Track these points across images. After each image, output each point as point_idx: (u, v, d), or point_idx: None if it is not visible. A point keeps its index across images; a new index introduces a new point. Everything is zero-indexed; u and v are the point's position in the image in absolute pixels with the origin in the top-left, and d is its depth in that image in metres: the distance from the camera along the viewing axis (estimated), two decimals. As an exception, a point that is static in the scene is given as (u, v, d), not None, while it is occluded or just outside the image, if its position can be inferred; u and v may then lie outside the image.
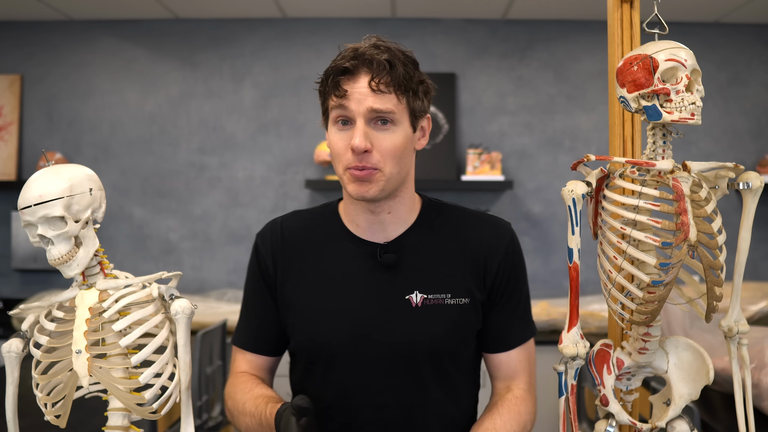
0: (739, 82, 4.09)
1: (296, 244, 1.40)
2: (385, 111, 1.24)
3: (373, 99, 1.23)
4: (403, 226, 1.34)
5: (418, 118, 1.30)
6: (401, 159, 1.27)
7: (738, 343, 1.34)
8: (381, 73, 1.23)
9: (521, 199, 4.07)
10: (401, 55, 1.27)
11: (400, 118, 1.26)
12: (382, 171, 1.25)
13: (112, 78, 4.13)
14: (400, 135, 1.26)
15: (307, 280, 1.37)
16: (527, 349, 1.42)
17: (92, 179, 1.22)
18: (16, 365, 1.22)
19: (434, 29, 4.10)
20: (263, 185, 4.11)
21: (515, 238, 1.42)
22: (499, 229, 1.41)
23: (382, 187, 1.26)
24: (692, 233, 1.20)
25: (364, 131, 1.24)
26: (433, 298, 1.29)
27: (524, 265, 1.43)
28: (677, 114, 1.21)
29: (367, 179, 1.25)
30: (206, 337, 2.85)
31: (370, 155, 1.24)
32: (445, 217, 1.37)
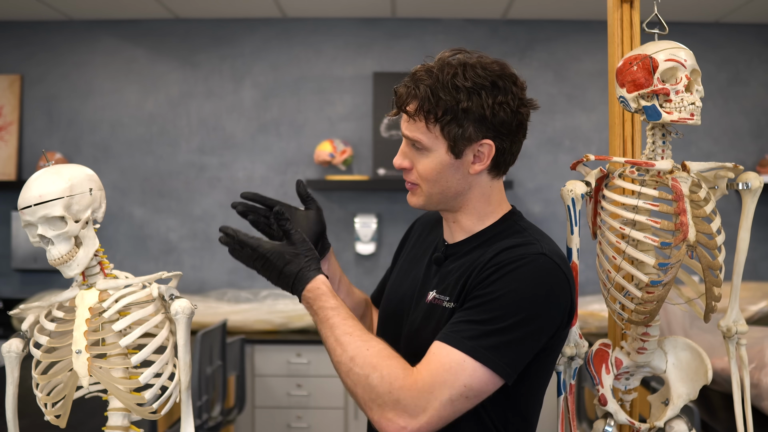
0: (739, 82, 4.09)
1: (422, 228, 1.53)
2: (412, 138, 1.28)
3: (406, 124, 1.29)
4: (466, 234, 1.36)
5: (462, 146, 1.25)
6: (438, 182, 1.29)
7: (737, 343, 1.34)
8: (408, 99, 1.26)
9: (521, 199, 4.07)
10: (446, 78, 1.23)
11: (432, 145, 1.26)
12: (420, 188, 1.32)
13: (112, 78, 4.13)
14: (433, 161, 1.27)
15: (406, 257, 1.50)
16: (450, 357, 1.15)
17: (92, 179, 1.22)
18: (16, 365, 1.22)
19: (434, 29, 4.10)
20: (263, 185, 4.11)
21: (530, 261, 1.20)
22: (525, 246, 1.23)
23: (424, 201, 1.33)
24: (691, 233, 1.20)
25: (404, 150, 1.32)
26: (438, 298, 1.30)
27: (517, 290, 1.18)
28: (677, 114, 1.21)
29: (411, 191, 1.34)
30: (206, 337, 2.85)
31: (410, 172, 1.32)
32: (505, 232, 1.31)
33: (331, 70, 4.12)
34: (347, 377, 1.18)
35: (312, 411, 3.53)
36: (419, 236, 1.52)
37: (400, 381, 1.14)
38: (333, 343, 1.20)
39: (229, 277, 4.09)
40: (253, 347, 3.55)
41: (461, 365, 1.14)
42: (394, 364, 1.16)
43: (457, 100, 1.22)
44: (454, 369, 1.14)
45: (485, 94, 1.25)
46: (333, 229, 4.09)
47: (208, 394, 2.89)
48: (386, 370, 1.15)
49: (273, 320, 3.66)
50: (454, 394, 1.14)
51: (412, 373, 1.16)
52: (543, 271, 1.20)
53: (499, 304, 1.17)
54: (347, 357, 1.18)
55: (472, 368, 1.14)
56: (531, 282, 1.19)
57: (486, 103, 1.24)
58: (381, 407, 1.15)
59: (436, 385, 1.14)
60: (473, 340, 1.15)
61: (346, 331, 1.21)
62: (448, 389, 1.14)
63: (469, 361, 1.14)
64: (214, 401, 3.04)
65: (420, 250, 1.47)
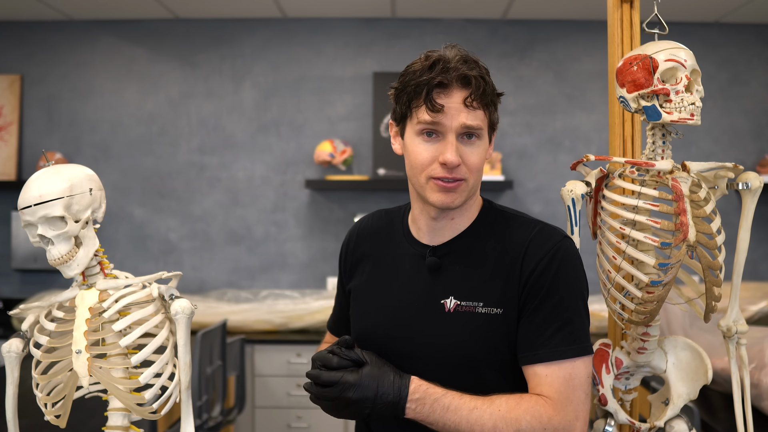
0: (739, 82, 4.09)
1: (367, 241, 1.48)
2: (476, 127, 1.28)
3: (466, 115, 1.27)
4: (455, 233, 1.36)
5: (493, 131, 1.33)
6: (481, 170, 1.32)
7: (737, 343, 1.34)
8: (477, 91, 1.27)
9: (521, 199, 4.07)
10: (484, 68, 1.31)
11: (484, 132, 1.30)
12: (467, 182, 1.30)
13: (112, 78, 4.13)
14: (483, 148, 1.31)
15: (367, 275, 1.45)
16: (564, 369, 1.23)
17: (92, 179, 1.22)
18: (16, 365, 1.22)
19: (434, 29, 4.10)
20: (263, 185, 4.11)
21: (565, 248, 1.28)
22: (545, 235, 1.29)
23: (466, 196, 1.32)
24: (691, 233, 1.20)
25: (456, 146, 1.27)
26: (466, 305, 1.29)
27: (572, 279, 1.27)
28: (677, 114, 1.21)
29: (453, 190, 1.29)
30: (206, 337, 2.85)
31: (459, 169, 1.29)
32: (496, 223, 1.34)
33: (331, 70, 4.12)
34: None
35: (312, 411, 3.53)
36: (372, 254, 1.45)
37: (544, 414, 1.21)
38: (468, 423, 1.21)
39: (229, 277, 4.09)
40: (253, 347, 3.55)
41: (574, 368, 1.24)
42: (529, 405, 1.22)
43: (494, 87, 1.30)
44: (573, 374, 1.23)
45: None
46: (333, 229, 4.10)
47: (208, 394, 2.89)
48: (527, 415, 1.21)
49: (273, 320, 3.66)
50: (586, 388, 1.24)
51: (547, 401, 1.23)
52: (575, 252, 1.29)
53: (567, 300, 1.26)
54: (490, 427, 1.20)
55: (583, 363, 1.25)
56: (575, 267, 1.28)
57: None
58: None
59: (570, 394, 1.23)
60: (571, 343, 1.24)
61: (472, 407, 1.22)
62: (580, 389, 1.23)
63: (579, 361, 1.24)
64: (214, 401, 3.04)
65: (386, 264, 1.42)
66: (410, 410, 1.22)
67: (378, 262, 1.43)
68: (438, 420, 1.21)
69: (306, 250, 4.10)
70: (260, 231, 4.10)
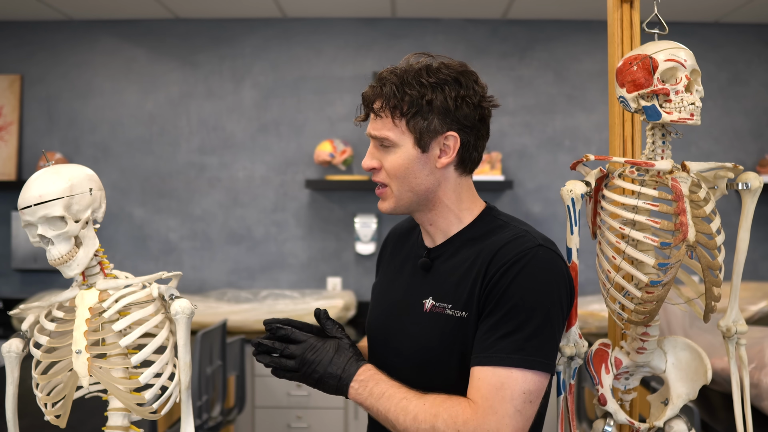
0: (739, 82, 4.09)
1: (393, 242, 1.53)
2: (379, 136, 1.31)
3: (372, 124, 1.32)
4: (445, 237, 1.38)
5: (428, 139, 1.29)
6: (406, 178, 1.31)
7: (737, 343, 1.34)
8: (373, 98, 1.31)
9: (521, 199, 4.07)
10: (410, 76, 1.29)
11: (398, 140, 1.30)
12: (390, 188, 1.33)
13: (112, 78, 4.13)
14: (401, 156, 1.30)
15: (386, 270, 1.51)
16: (496, 376, 1.18)
17: (92, 179, 1.22)
18: (16, 365, 1.22)
19: (434, 29, 4.10)
20: (263, 185, 4.11)
21: (533, 256, 1.23)
22: (519, 241, 1.26)
23: (394, 204, 1.33)
24: (691, 233, 1.20)
25: (371, 151, 1.34)
26: (438, 306, 1.31)
27: (533, 288, 1.21)
28: (676, 114, 1.21)
29: (381, 196, 1.35)
30: (206, 337, 2.86)
31: (379, 172, 1.33)
32: (487, 229, 1.34)
33: (331, 70, 4.12)
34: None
35: (312, 411, 3.53)
36: (394, 247, 1.52)
37: (462, 416, 1.18)
38: (394, 411, 1.22)
39: (229, 277, 4.09)
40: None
41: (511, 378, 1.18)
42: (451, 404, 1.20)
43: (422, 93, 1.27)
44: (507, 384, 1.18)
45: (448, 88, 1.29)
46: (333, 229, 4.10)
47: (208, 394, 2.89)
48: (446, 413, 1.19)
49: (273, 320, 3.66)
50: (518, 404, 1.17)
51: (470, 404, 1.19)
52: (547, 262, 1.25)
53: (522, 308, 1.21)
54: (410, 418, 1.20)
55: (522, 377, 1.18)
56: (542, 276, 1.23)
57: (449, 96, 1.28)
58: None
59: (497, 404, 1.17)
60: (513, 352, 1.19)
61: (402, 396, 1.23)
62: (509, 403, 1.17)
63: (517, 372, 1.18)
64: (214, 401, 3.04)
65: (398, 261, 1.47)
66: (353, 389, 1.26)
67: (393, 259, 1.49)
68: (373, 405, 1.24)
69: (306, 250, 4.10)
70: (260, 231, 4.10)
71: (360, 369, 1.27)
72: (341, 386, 1.26)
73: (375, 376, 1.27)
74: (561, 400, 1.35)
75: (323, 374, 1.27)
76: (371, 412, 1.26)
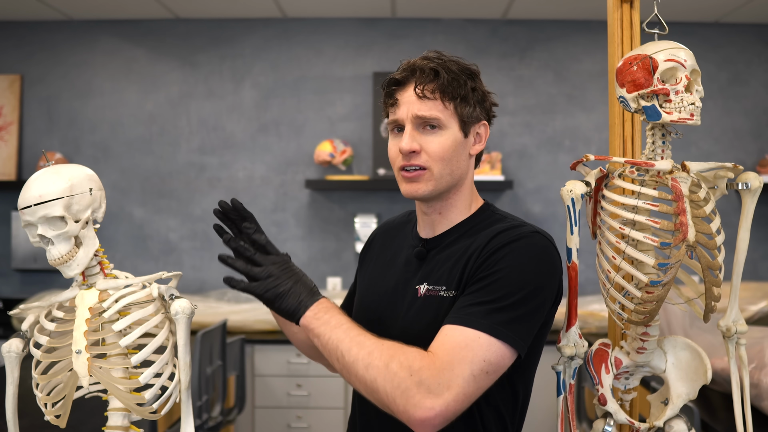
0: (739, 82, 4.09)
1: (384, 235, 1.55)
2: (429, 117, 1.31)
3: (418, 106, 1.31)
4: (448, 226, 1.39)
5: (469, 125, 1.35)
6: (450, 161, 1.33)
7: (736, 343, 1.34)
8: (425, 81, 1.31)
9: (521, 199, 4.07)
10: (454, 65, 1.34)
11: (447, 122, 1.32)
12: (431, 170, 1.32)
13: (112, 78, 4.13)
14: (448, 138, 1.32)
15: (375, 262, 1.51)
16: (463, 336, 1.17)
17: (92, 179, 1.22)
18: (16, 365, 1.22)
19: (434, 29, 4.10)
20: (263, 185, 4.11)
21: (527, 239, 1.26)
22: (517, 228, 1.29)
23: (433, 186, 1.33)
24: (691, 233, 1.20)
25: (412, 134, 1.32)
26: (432, 289, 1.32)
27: (520, 268, 1.23)
28: (676, 114, 1.21)
29: (415, 179, 1.33)
30: (206, 337, 2.86)
31: (418, 156, 1.32)
32: (486, 221, 1.37)
33: (331, 70, 4.12)
34: (366, 372, 1.15)
35: (312, 411, 3.53)
36: (383, 244, 1.52)
37: (418, 362, 1.14)
38: (349, 342, 1.18)
39: (229, 277, 4.09)
40: (253, 347, 3.55)
41: (477, 341, 1.17)
42: (411, 350, 1.17)
43: (465, 80, 1.32)
44: (471, 346, 1.16)
45: (479, 80, 1.36)
46: (333, 229, 4.10)
47: (208, 394, 2.89)
48: (403, 356, 1.15)
49: (273, 320, 3.66)
50: (476, 369, 1.15)
51: (429, 355, 1.16)
52: (540, 246, 1.27)
53: (506, 282, 1.22)
54: (365, 352, 1.17)
55: (488, 343, 1.17)
56: (532, 257, 1.25)
57: (481, 87, 1.36)
58: (405, 394, 1.13)
59: (455, 362, 1.15)
60: (485, 317, 1.18)
61: (360, 332, 1.20)
62: (468, 365, 1.15)
63: (485, 337, 1.17)
64: (214, 401, 3.04)
65: (389, 253, 1.48)
66: (310, 313, 1.20)
67: (384, 252, 1.50)
68: (325, 332, 1.19)
69: (306, 250, 4.10)
70: (260, 231, 4.10)
71: (323, 299, 1.23)
72: (299, 307, 1.21)
73: (334, 308, 1.23)
74: (561, 400, 1.35)
75: (285, 291, 1.20)
76: (322, 340, 1.20)
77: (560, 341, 1.33)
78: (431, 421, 1.12)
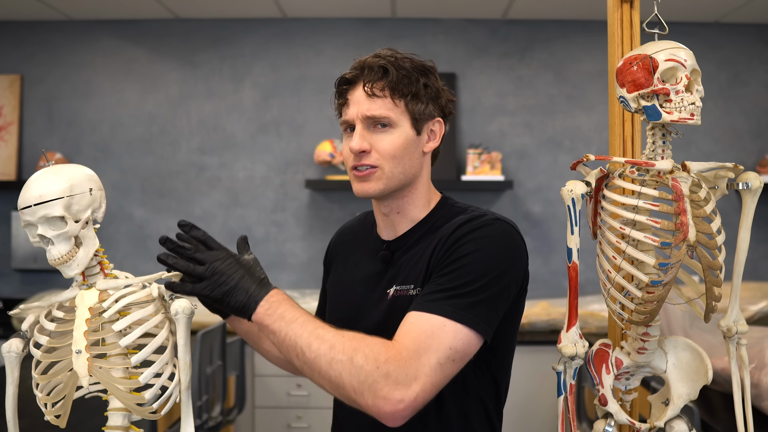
0: (739, 82, 4.09)
1: (344, 241, 1.54)
2: (378, 116, 1.30)
3: (368, 105, 1.31)
4: (410, 225, 1.39)
5: (422, 122, 1.33)
6: (402, 159, 1.32)
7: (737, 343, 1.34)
8: (374, 79, 1.31)
9: (521, 199, 4.07)
10: (406, 62, 1.33)
11: (398, 120, 1.31)
12: (382, 169, 1.31)
13: (112, 78, 4.13)
14: (399, 137, 1.31)
15: (340, 271, 1.50)
16: (428, 323, 1.15)
17: (92, 179, 1.22)
18: (16, 365, 1.22)
19: (434, 29, 4.10)
20: (263, 185, 4.11)
21: (488, 226, 1.26)
22: (478, 218, 1.29)
23: (384, 185, 1.32)
24: (691, 233, 1.20)
25: (362, 133, 1.31)
26: (400, 289, 1.32)
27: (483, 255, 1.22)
28: (677, 114, 1.21)
29: (366, 178, 1.32)
30: (206, 337, 2.85)
31: (369, 155, 1.31)
32: (447, 215, 1.37)
33: (331, 70, 4.12)
34: (330, 368, 1.12)
35: (312, 411, 3.53)
36: (345, 251, 1.51)
37: (384, 354, 1.12)
38: (308, 337, 1.14)
39: (229, 277, 4.09)
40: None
41: (442, 329, 1.16)
42: (374, 342, 1.14)
43: (417, 77, 1.32)
44: (436, 333, 1.15)
45: (433, 77, 1.35)
46: (333, 229, 4.09)
47: (208, 394, 2.89)
48: (368, 349, 1.13)
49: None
50: (442, 357, 1.15)
51: (395, 345, 1.14)
52: (501, 232, 1.28)
53: (469, 269, 1.22)
54: (327, 346, 1.13)
55: (453, 330, 1.16)
56: (493, 243, 1.26)
57: (435, 83, 1.35)
58: (372, 387, 1.11)
59: (421, 351, 1.14)
60: (449, 303, 1.18)
61: (318, 326, 1.17)
62: (434, 353, 1.14)
63: (450, 324, 1.17)
64: (214, 401, 3.04)
65: (353, 260, 1.47)
66: (262, 308, 1.16)
67: (348, 259, 1.49)
68: (281, 329, 1.15)
69: (306, 250, 4.10)
70: (260, 231, 4.10)
71: (272, 290, 1.19)
72: (249, 303, 1.16)
73: (287, 300, 1.18)
74: (561, 400, 1.35)
75: (233, 287, 1.16)
76: (278, 337, 1.16)
77: (560, 341, 1.33)
78: (401, 413, 1.11)
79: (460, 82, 4.05)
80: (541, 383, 3.33)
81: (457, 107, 4.02)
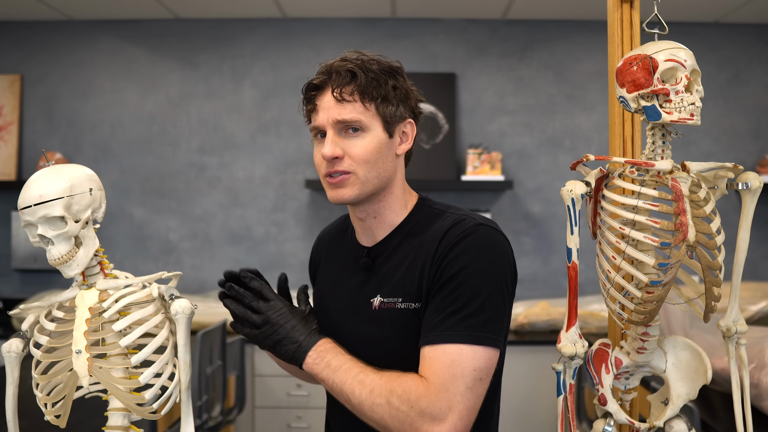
0: (739, 82, 4.09)
1: (325, 248, 1.54)
2: (349, 120, 1.29)
3: (338, 110, 1.29)
4: (388, 230, 1.37)
5: (393, 124, 1.32)
6: (376, 163, 1.30)
7: (737, 343, 1.34)
8: (342, 83, 1.30)
9: (521, 199, 4.07)
10: (374, 64, 1.32)
11: (370, 124, 1.30)
12: (356, 174, 1.30)
13: (112, 78, 4.13)
14: (372, 140, 1.30)
15: (323, 278, 1.50)
16: (447, 354, 1.18)
17: (92, 179, 1.22)
18: (16, 365, 1.22)
19: (434, 29, 4.10)
20: (263, 185, 4.11)
21: (476, 235, 1.26)
22: (461, 224, 1.28)
23: (359, 190, 1.31)
24: (691, 233, 1.20)
25: (333, 140, 1.29)
26: (387, 301, 1.30)
27: (479, 266, 1.23)
28: (676, 114, 1.21)
29: (340, 184, 1.30)
30: (206, 337, 2.86)
31: (341, 161, 1.29)
32: (425, 219, 1.35)
33: (331, 70, 4.12)
34: (373, 412, 1.19)
35: (312, 411, 3.53)
36: (327, 258, 1.51)
37: (414, 392, 1.17)
38: (351, 383, 1.22)
39: (229, 277, 4.09)
40: (253, 347, 3.55)
41: (461, 355, 1.19)
42: (407, 380, 1.19)
43: (385, 80, 1.31)
44: (456, 361, 1.18)
45: (401, 78, 1.35)
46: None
47: (208, 394, 2.89)
48: (400, 389, 1.18)
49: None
50: (468, 381, 1.18)
51: (423, 381, 1.19)
52: (488, 239, 1.27)
53: (467, 286, 1.23)
54: (367, 391, 1.20)
55: (471, 352, 1.19)
56: (484, 254, 1.26)
57: (404, 85, 1.34)
58: (412, 426, 1.17)
59: (447, 382, 1.17)
60: (458, 329, 1.20)
61: (360, 370, 1.23)
62: (460, 380, 1.18)
63: (466, 348, 1.19)
64: (214, 401, 3.04)
65: (335, 267, 1.46)
66: (310, 358, 1.25)
67: (330, 267, 1.48)
68: (329, 377, 1.23)
69: (306, 250, 4.10)
70: (260, 231, 4.10)
71: (320, 340, 1.27)
72: (299, 353, 1.25)
73: (334, 348, 1.26)
74: (561, 400, 1.35)
75: (284, 337, 1.26)
76: (327, 384, 1.24)
77: (560, 341, 1.33)
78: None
79: (460, 82, 4.05)
80: (541, 383, 3.33)
81: (457, 107, 4.02)
